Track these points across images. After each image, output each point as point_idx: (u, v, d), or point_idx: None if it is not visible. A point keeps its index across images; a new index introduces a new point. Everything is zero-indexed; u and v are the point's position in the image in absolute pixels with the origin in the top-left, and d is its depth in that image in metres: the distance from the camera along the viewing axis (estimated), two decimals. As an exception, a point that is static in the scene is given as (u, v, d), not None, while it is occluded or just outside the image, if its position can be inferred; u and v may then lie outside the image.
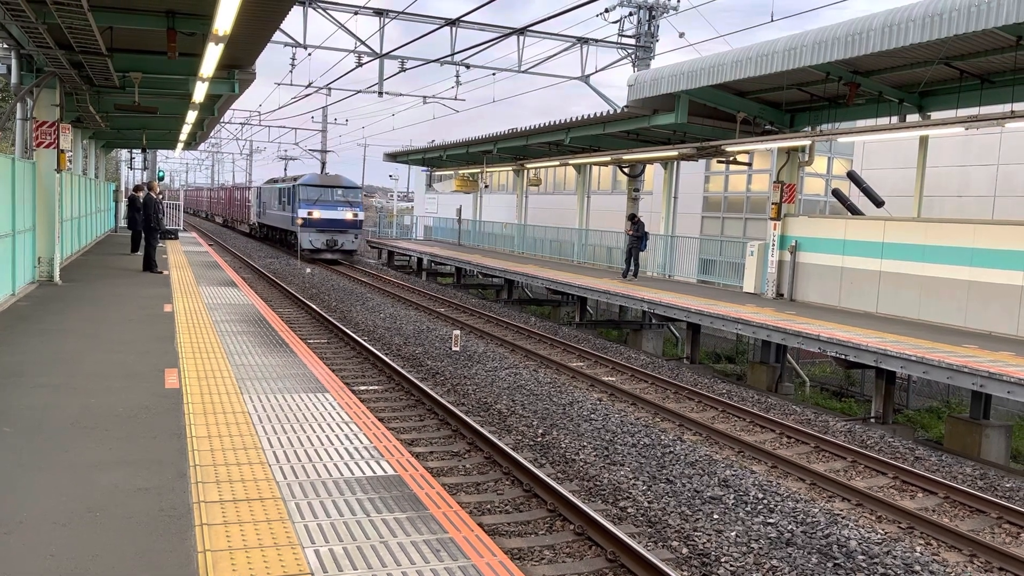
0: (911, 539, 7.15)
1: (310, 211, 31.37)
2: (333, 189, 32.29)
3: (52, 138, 14.10)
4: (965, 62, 12.62)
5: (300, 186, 31.81)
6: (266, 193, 40.38)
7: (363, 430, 6.23)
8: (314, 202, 31.58)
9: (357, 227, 33.07)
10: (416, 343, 15.07)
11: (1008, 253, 12.56)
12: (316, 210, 31.46)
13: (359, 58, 21.10)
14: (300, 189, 31.72)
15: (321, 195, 31.88)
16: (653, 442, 9.36)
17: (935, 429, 13.85)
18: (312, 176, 33.39)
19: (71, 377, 7.43)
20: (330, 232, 31.90)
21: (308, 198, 31.60)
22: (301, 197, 31.55)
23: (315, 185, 32.17)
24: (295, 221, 32.02)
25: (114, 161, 50.43)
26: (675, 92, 16.42)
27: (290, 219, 33.05)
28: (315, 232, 31.59)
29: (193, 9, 10.62)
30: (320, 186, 32.24)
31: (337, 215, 31.98)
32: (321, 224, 31.68)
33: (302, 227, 31.46)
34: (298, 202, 31.62)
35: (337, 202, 32.08)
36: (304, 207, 31.38)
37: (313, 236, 31.58)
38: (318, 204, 31.60)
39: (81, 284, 14.29)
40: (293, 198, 32.46)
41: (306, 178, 32.65)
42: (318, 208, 31.54)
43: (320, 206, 31.62)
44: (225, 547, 4.02)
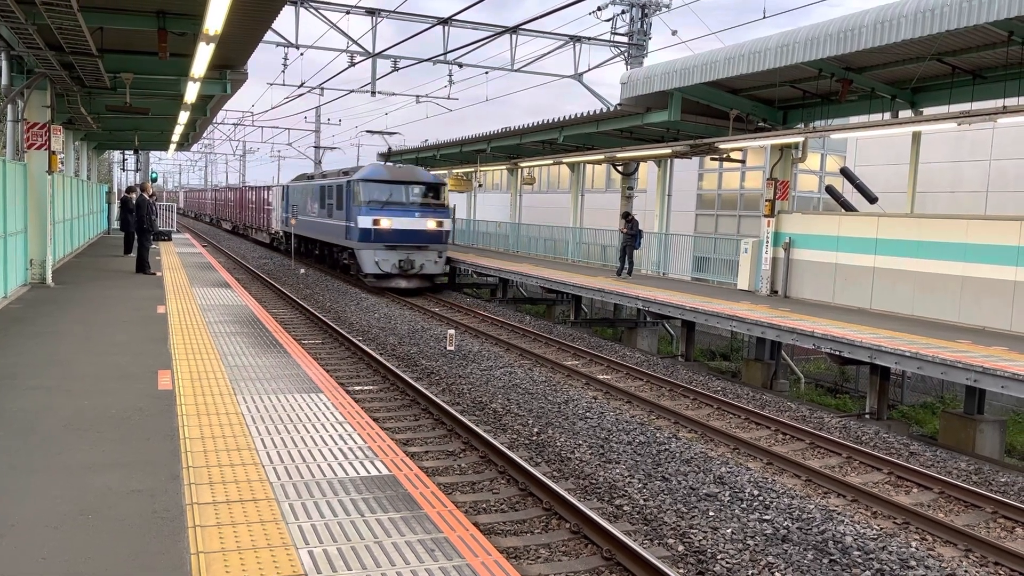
0: (906, 534, 7.16)
1: (376, 218, 22.28)
2: (408, 186, 23.08)
3: (43, 140, 14.04)
4: (957, 58, 12.64)
5: (360, 182, 22.87)
6: (298, 193, 30.96)
7: (357, 430, 6.21)
8: (381, 205, 22.55)
9: (442, 241, 23.52)
10: (411, 343, 15.05)
11: (1001, 248, 12.59)
12: (384, 217, 22.40)
13: (351, 57, 21.06)
14: (360, 187, 22.76)
15: (391, 194, 22.84)
16: (648, 440, 9.36)
17: (930, 424, 13.88)
18: (376, 168, 23.77)
19: (64, 379, 7.39)
20: (405, 249, 22.71)
21: (372, 199, 22.67)
22: (362, 198, 22.58)
23: (382, 181, 23.01)
24: (351, 233, 23.12)
25: (106, 162, 50.30)
26: (668, 90, 16.41)
27: (342, 230, 24.04)
28: (383, 249, 22.52)
29: (184, 9, 10.57)
30: (389, 182, 23.03)
31: (415, 223, 22.81)
32: (392, 237, 22.57)
33: (364, 241, 22.48)
34: (356, 205, 22.73)
35: (415, 205, 23.07)
36: (367, 212, 22.42)
37: (381, 255, 22.49)
38: (387, 208, 22.55)
39: (74, 286, 14.24)
40: (347, 199, 23.53)
41: (367, 171, 23.49)
42: (387, 214, 22.47)
43: (390, 211, 22.57)
44: (218, 549, 4.00)
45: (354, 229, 22.82)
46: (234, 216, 49.79)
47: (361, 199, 22.66)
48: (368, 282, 22.74)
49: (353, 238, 23.01)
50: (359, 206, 22.60)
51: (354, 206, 22.85)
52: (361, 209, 22.52)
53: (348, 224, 23.49)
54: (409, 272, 22.73)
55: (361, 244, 22.55)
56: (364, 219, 22.43)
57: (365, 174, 23.23)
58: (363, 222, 22.43)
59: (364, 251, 22.53)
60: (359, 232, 22.51)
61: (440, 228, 23.23)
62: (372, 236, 22.42)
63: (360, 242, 22.57)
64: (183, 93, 14.43)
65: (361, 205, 22.58)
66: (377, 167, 23.98)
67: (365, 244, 22.48)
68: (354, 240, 22.92)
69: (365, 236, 22.47)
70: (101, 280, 15.45)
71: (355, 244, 22.92)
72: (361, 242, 22.53)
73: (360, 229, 22.47)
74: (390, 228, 22.49)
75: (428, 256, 23.02)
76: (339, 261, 26.07)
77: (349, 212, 23.41)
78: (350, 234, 23.35)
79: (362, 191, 22.74)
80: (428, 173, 24.77)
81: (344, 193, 23.93)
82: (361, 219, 22.44)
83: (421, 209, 23.01)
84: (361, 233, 22.48)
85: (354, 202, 22.88)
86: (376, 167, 23.99)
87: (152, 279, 15.84)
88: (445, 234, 23.57)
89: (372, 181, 23.00)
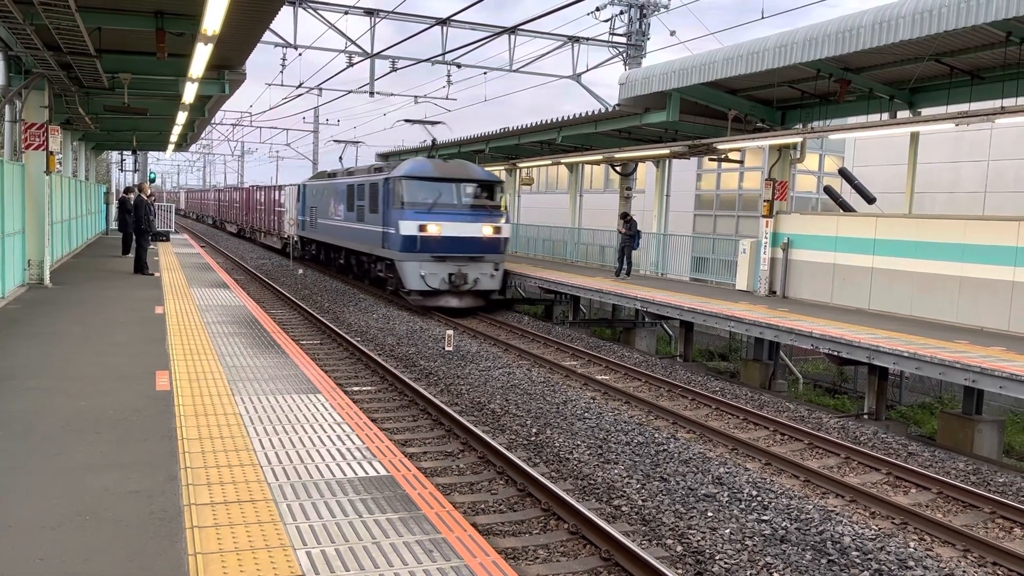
0: (905, 535, 7.15)
1: (422, 224, 18.68)
2: (459, 185, 19.34)
3: (41, 140, 14.03)
4: (955, 58, 12.65)
5: (402, 180, 19.12)
6: (318, 193, 27.27)
7: (355, 431, 6.21)
8: (428, 208, 18.86)
9: (499, 250, 19.67)
10: (409, 343, 15.04)
11: (999, 249, 12.60)
12: (433, 222, 18.75)
13: (350, 58, 21.06)
14: (403, 185, 19.06)
15: (440, 194, 19.07)
16: (647, 440, 9.35)
17: (928, 425, 13.88)
18: (421, 164, 19.92)
19: (61, 380, 7.38)
20: (456, 260, 19.00)
21: (417, 200, 18.93)
22: (405, 199, 18.96)
23: (429, 178, 19.23)
24: (390, 240, 19.47)
25: (104, 163, 50.27)
26: (666, 90, 16.42)
27: (377, 236, 20.52)
28: (431, 261, 18.78)
29: (182, 9, 10.56)
30: (438, 179, 19.27)
31: (468, 230, 19.09)
32: (441, 246, 18.85)
33: (407, 251, 18.80)
34: (397, 208, 19.05)
35: (467, 207, 19.28)
36: (411, 216, 18.76)
37: (428, 268, 18.76)
38: (435, 212, 18.88)
39: (71, 287, 14.22)
40: (384, 201, 19.91)
41: (410, 166, 19.73)
42: (436, 218, 18.81)
43: (439, 214, 18.89)
44: (216, 550, 4.00)
45: (394, 236, 19.11)
46: (240, 218, 46.29)
47: (404, 200, 18.93)
48: (411, 300, 19.15)
49: (393, 247, 19.28)
50: (401, 209, 18.90)
51: (394, 209, 19.14)
52: (404, 213, 18.79)
53: (386, 230, 19.79)
54: (461, 288, 18.99)
55: (403, 255, 18.82)
56: (407, 224, 18.69)
57: (408, 170, 19.33)
58: (406, 228, 18.70)
59: (407, 263, 18.74)
60: (401, 240, 18.79)
61: (497, 235, 19.48)
62: (417, 245, 18.68)
63: (402, 252, 18.84)
64: (181, 93, 14.42)
65: (404, 207, 18.86)
66: (421, 162, 19.98)
67: (408, 255, 18.75)
68: (394, 249, 19.18)
69: (408, 245, 18.73)
70: (99, 281, 15.43)
71: (395, 254, 19.14)
72: (404, 252, 18.81)
73: (402, 237, 18.75)
74: (439, 236, 18.74)
75: (483, 268, 19.27)
76: (371, 273, 22.35)
77: (387, 216, 19.61)
78: (389, 242, 19.56)
79: (405, 191, 18.96)
80: (481, 169, 20.94)
81: (380, 193, 20.14)
82: (404, 224, 18.72)
83: (474, 212, 19.27)
84: (404, 241, 18.76)
85: (394, 204, 19.19)
86: (420, 162, 19.99)
87: (150, 280, 15.83)
88: (503, 242, 19.83)
89: (417, 179, 19.08)
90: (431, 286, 18.77)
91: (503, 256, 19.93)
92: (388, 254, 19.84)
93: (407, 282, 18.91)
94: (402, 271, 19.02)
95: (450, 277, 18.89)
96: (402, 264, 18.96)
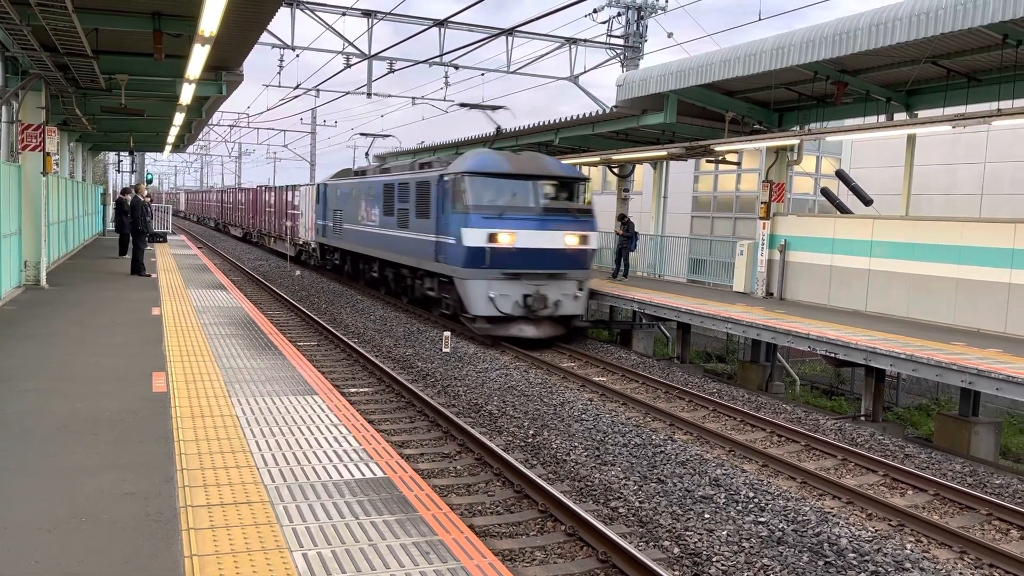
0: (901, 536, 7.16)
1: (492, 232, 15.14)
2: (536, 183, 15.76)
3: (38, 141, 14.00)
4: (951, 61, 12.68)
5: (466, 177, 15.48)
6: (344, 195, 23.66)
7: (352, 432, 6.20)
8: (499, 212, 15.30)
9: (584, 264, 16.07)
10: (406, 345, 15.03)
11: (995, 251, 12.62)
12: (506, 230, 15.22)
13: (347, 59, 21.05)
14: (467, 184, 15.41)
15: (514, 195, 15.61)
16: (644, 442, 9.36)
17: (925, 426, 13.90)
18: (488, 157, 16.15)
19: (58, 381, 7.37)
20: (534, 278, 15.45)
21: (486, 202, 15.39)
22: (471, 201, 15.30)
23: (501, 175, 15.67)
24: (450, 253, 15.84)
25: (101, 164, 50.20)
26: (664, 92, 16.44)
27: (429, 247, 16.92)
28: (502, 279, 15.27)
29: (179, 10, 10.56)
30: (511, 176, 15.71)
31: (549, 239, 15.54)
32: (516, 261, 15.32)
33: (472, 266, 15.24)
34: (461, 212, 15.45)
35: (547, 213, 15.58)
36: (479, 223, 15.19)
37: (499, 288, 15.25)
38: (508, 217, 15.31)
39: (68, 288, 14.20)
40: (440, 203, 16.38)
41: (475, 160, 16.00)
42: (509, 225, 15.27)
43: (513, 220, 15.32)
44: (212, 552, 3.99)
45: (454, 248, 15.55)
46: (246, 221, 42.74)
47: (469, 202, 15.25)
48: (476, 328, 15.56)
49: (453, 261, 15.67)
50: (465, 213, 15.24)
51: (455, 213, 15.57)
52: (469, 218, 15.16)
53: (442, 239, 16.19)
54: (539, 313, 15.36)
55: (467, 271, 15.24)
56: (473, 233, 15.08)
57: (475, 164, 15.76)
58: (472, 237, 15.09)
59: (472, 282, 15.20)
60: (465, 253, 15.19)
61: (583, 246, 15.82)
62: (486, 259, 15.06)
63: (466, 267, 15.24)
64: (178, 94, 14.41)
65: (469, 212, 15.21)
66: (488, 156, 16.19)
67: (474, 271, 15.16)
68: (455, 264, 15.59)
69: (475, 259, 15.12)
70: (96, 282, 15.41)
71: (456, 270, 15.56)
72: (468, 267, 15.22)
73: (466, 249, 15.13)
74: (512, 247, 15.14)
75: (565, 288, 15.65)
76: (414, 291, 18.72)
77: (445, 222, 16.07)
78: (447, 255, 15.97)
79: (470, 190, 15.31)
80: (559, 162, 17.33)
81: (435, 194, 16.59)
82: (468, 233, 15.12)
83: (555, 217, 15.58)
84: (468, 254, 15.16)
85: (456, 207, 15.58)
86: (487, 156, 16.19)
87: (147, 281, 15.81)
88: (589, 255, 16.08)
89: (485, 175, 15.52)
90: (502, 311, 15.22)
91: (589, 273, 16.38)
92: (444, 269, 16.19)
93: (472, 306, 15.29)
94: (465, 292, 15.35)
95: (525, 300, 15.31)
96: (465, 283, 15.31)
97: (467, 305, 15.43)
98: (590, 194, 16.90)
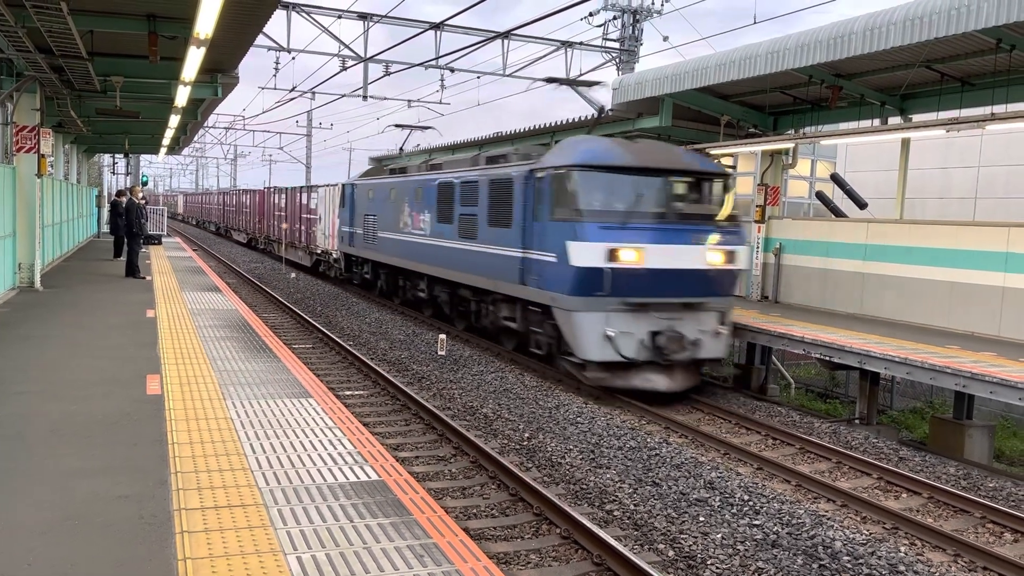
0: (896, 539, 7.17)
1: (614, 247, 11.21)
2: (666, 180, 11.89)
3: (32, 143, 13.98)
4: (946, 65, 12.72)
5: (579, 171, 11.56)
6: (380, 196, 20.00)
7: (347, 435, 6.20)
8: (622, 219, 11.41)
9: (726, 290, 12.19)
10: (402, 348, 15.02)
11: (989, 254, 12.65)
12: (630, 243, 11.29)
13: (343, 62, 21.05)
14: (577, 181, 11.52)
15: (640, 196, 11.66)
16: (639, 445, 9.36)
17: (919, 430, 13.93)
18: (604, 148, 12.20)
19: (52, 384, 7.35)
20: (665, 310, 11.60)
21: (601, 207, 11.54)
22: (582, 204, 11.43)
23: (624, 168, 11.71)
24: (550, 275, 11.91)
25: (96, 166, 50.10)
26: (659, 95, 16.46)
27: (511, 266, 13.02)
28: (624, 311, 11.36)
29: (174, 13, 10.54)
30: (636, 170, 11.71)
31: (685, 257, 11.64)
32: (644, 286, 11.43)
33: (583, 293, 11.33)
34: (569, 219, 11.54)
35: (684, 221, 11.82)
36: (595, 234, 11.25)
37: (620, 323, 11.36)
38: (634, 226, 11.43)
39: (62, 290, 14.17)
40: (532, 206, 12.52)
41: (587, 151, 11.96)
42: (635, 237, 11.35)
43: (641, 230, 11.45)
44: (206, 555, 3.98)
45: (556, 268, 11.56)
46: (251, 226, 39.50)
47: (579, 206, 11.30)
48: (587, 378, 11.55)
49: (553, 285, 11.69)
50: (574, 221, 11.29)
51: (558, 221, 11.61)
52: (581, 228, 11.19)
53: (534, 256, 12.18)
54: (673, 357, 11.39)
55: (576, 299, 11.27)
56: (587, 249, 11.13)
57: (585, 155, 11.66)
58: (584, 254, 11.15)
59: (584, 315, 11.22)
60: (573, 275, 11.23)
61: (730, 265, 11.91)
62: (604, 283, 11.11)
63: (574, 295, 11.28)
64: (174, 97, 14.40)
65: (581, 219, 11.24)
66: (600, 144, 12.25)
67: (586, 299, 11.21)
68: (557, 289, 11.60)
69: (588, 283, 11.16)
70: (90, 284, 15.38)
71: (559, 298, 11.56)
72: (577, 295, 11.26)
73: (576, 270, 11.18)
74: (640, 268, 11.20)
75: (704, 322, 11.75)
76: (488, 321, 14.60)
77: (540, 232, 12.06)
78: (542, 276, 11.97)
79: (582, 190, 11.36)
80: (691, 153, 13.20)
81: (523, 195, 12.57)
82: (579, 248, 11.17)
83: (695, 227, 11.70)
84: (579, 277, 11.18)
85: (558, 212, 11.66)
86: (598, 144, 12.24)
87: (142, 283, 15.78)
88: (733, 277, 12.18)
89: (603, 169, 11.52)
90: (624, 354, 11.19)
91: (732, 301, 12.32)
92: (536, 295, 12.17)
93: (582, 347, 11.23)
94: (572, 328, 11.29)
95: (654, 339, 11.26)
96: (573, 317, 11.24)
97: (574, 346, 11.36)
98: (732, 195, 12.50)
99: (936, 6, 10.84)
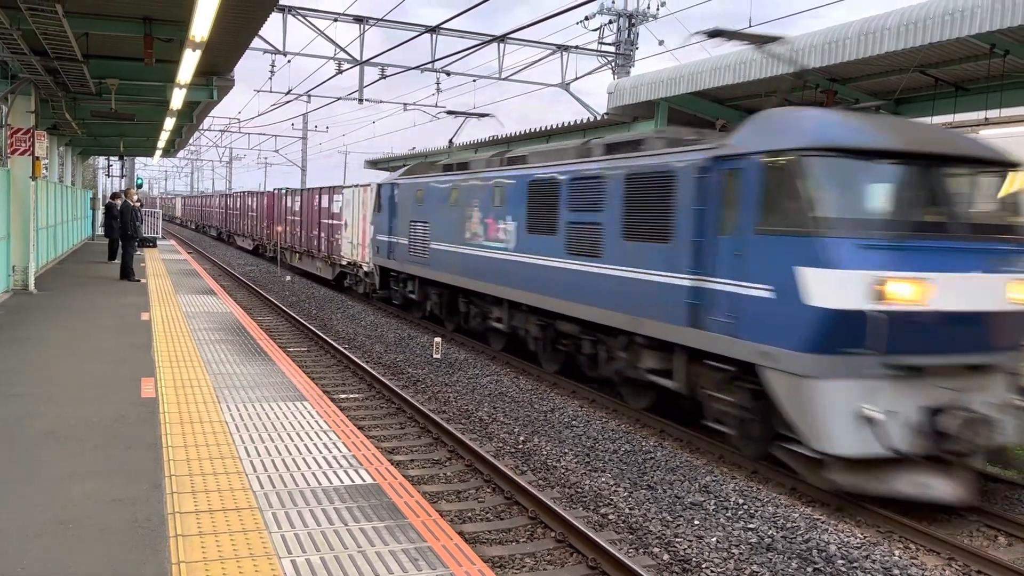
0: (890, 543, 7.18)
1: (884, 275, 6.99)
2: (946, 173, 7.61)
3: (27, 145, 13.96)
4: (940, 70, 12.77)
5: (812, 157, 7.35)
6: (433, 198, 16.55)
7: (342, 439, 6.19)
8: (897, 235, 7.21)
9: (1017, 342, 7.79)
10: (397, 351, 15.01)
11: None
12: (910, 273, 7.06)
13: (339, 65, 21.07)
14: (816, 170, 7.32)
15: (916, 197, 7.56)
16: (634, 448, 9.36)
17: None
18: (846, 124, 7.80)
19: (45, 387, 7.33)
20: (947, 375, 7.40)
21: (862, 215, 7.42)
22: (824, 210, 7.23)
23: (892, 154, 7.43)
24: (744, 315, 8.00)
25: (91, 168, 50.02)
26: (655, 99, 16.50)
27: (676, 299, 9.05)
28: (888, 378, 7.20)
29: (170, 15, 10.55)
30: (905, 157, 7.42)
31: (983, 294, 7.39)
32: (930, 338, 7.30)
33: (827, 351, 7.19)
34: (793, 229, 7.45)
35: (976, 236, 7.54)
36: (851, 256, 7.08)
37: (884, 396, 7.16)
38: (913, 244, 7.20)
39: (57, 293, 14.13)
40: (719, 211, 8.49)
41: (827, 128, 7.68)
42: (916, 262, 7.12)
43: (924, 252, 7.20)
44: (200, 558, 3.97)
45: (778, 309, 7.71)
46: (258, 231, 36.62)
47: (824, 212, 7.36)
48: (829, 481, 7.56)
49: (770, 336, 7.79)
50: (818, 235, 7.33)
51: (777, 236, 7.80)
52: (831, 247, 7.27)
53: (727, 287, 8.41)
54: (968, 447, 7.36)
55: (815, 358, 7.35)
56: (841, 279, 7.19)
57: (826, 134, 7.68)
58: (834, 288, 7.23)
59: (828, 385, 7.31)
60: (812, 321, 7.35)
61: None
62: (870, 335, 7.17)
63: (811, 352, 7.37)
64: (169, 99, 14.38)
65: (828, 232, 7.30)
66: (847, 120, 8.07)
67: (831, 358, 7.31)
68: (777, 342, 7.69)
69: (839, 334, 7.28)
70: (85, 287, 15.34)
71: (783, 357, 7.61)
72: (815, 352, 7.35)
73: (817, 313, 7.29)
74: (927, 311, 7.28)
75: (995, 391, 7.84)
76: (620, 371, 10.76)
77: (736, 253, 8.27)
78: (745, 320, 8.13)
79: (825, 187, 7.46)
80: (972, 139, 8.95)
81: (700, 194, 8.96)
82: (823, 279, 7.28)
83: (990, 245, 7.71)
84: (823, 324, 7.29)
85: (775, 220, 7.86)
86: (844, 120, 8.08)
87: (136, 286, 15.75)
88: None
89: (860, 155, 7.52)
90: (895, 447, 7.33)
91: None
92: (733, 348, 8.31)
93: (823, 434, 7.37)
94: (806, 403, 7.47)
95: (933, 420, 7.42)
96: (808, 386, 7.43)
97: (805, 430, 7.53)
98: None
99: (930, 12, 10.88)
